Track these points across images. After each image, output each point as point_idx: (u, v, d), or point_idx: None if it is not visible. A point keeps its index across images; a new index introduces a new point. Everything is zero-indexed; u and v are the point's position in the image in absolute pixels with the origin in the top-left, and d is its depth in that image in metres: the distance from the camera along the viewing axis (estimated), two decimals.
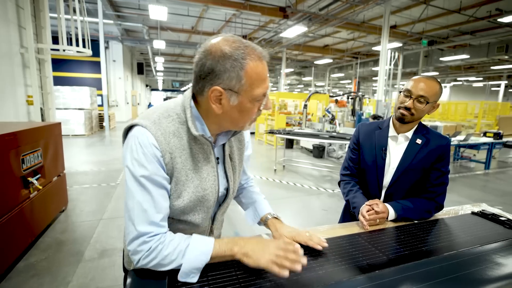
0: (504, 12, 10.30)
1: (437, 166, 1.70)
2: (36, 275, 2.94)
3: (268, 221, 1.35)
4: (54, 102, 5.97)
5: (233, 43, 0.92)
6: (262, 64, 0.96)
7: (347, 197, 1.83)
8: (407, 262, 1.14)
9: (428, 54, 17.61)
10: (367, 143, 1.84)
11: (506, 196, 6.23)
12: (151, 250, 0.93)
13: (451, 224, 1.56)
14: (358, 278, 1.02)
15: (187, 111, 1.01)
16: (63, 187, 4.42)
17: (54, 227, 3.98)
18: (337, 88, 38.50)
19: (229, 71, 0.90)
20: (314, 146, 9.87)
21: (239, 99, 0.95)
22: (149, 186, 0.96)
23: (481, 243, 1.32)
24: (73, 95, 12.39)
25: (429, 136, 1.71)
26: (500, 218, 1.60)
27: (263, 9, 11.26)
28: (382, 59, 10.89)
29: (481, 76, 25.98)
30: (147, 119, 0.99)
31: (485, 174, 8.21)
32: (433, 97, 1.59)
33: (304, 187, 6.46)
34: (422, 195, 1.72)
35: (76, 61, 15.88)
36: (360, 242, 1.31)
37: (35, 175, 3.47)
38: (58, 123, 4.20)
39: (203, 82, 0.95)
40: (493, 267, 1.11)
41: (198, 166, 1.07)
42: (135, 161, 0.95)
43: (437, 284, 1.00)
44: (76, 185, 5.80)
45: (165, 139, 0.98)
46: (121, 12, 13.13)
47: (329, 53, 19.75)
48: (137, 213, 0.94)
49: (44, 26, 5.49)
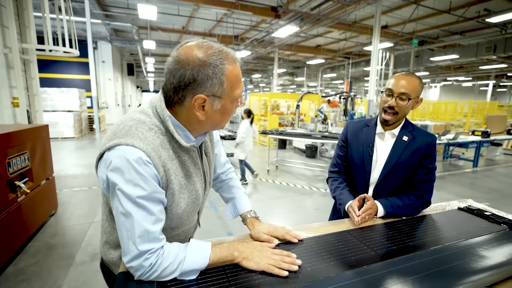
0: (493, 12, 10.45)
1: (424, 163, 1.72)
2: (26, 280, 2.89)
3: (247, 220, 1.38)
4: (41, 104, 5.86)
5: (208, 49, 0.93)
6: (237, 65, 0.99)
7: (334, 193, 1.85)
8: (394, 257, 1.17)
9: (419, 54, 17.80)
10: (355, 140, 1.86)
11: (493, 192, 6.38)
12: (152, 265, 0.93)
13: (438, 220, 1.60)
14: (346, 273, 1.04)
15: (168, 123, 0.99)
16: (52, 191, 4.34)
17: (44, 231, 3.91)
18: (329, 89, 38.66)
19: (211, 78, 0.92)
20: (306, 146, 9.91)
21: (222, 103, 0.98)
22: (148, 205, 0.93)
23: (466, 237, 1.36)
24: (62, 97, 12.23)
25: (415, 134, 1.74)
26: (485, 213, 1.64)
27: (254, 8, 11.25)
28: (374, 59, 10.95)
29: (470, 76, 26.39)
30: (128, 136, 0.94)
31: (473, 172, 8.37)
32: (414, 92, 1.61)
33: (297, 186, 6.48)
34: (410, 192, 1.74)
35: (64, 62, 15.70)
36: (349, 239, 1.33)
37: (22, 178, 3.40)
38: (45, 125, 4.13)
39: (183, 92, 0.94)
40: (477, 260, 1.15)
41: (189, 172, 1.09)
42: (129, 182, 0.90)
43: (423, 278, 1.02)
44: (66, 189, 5.72)
45: (156, 153, 0.95)
46: (109, 11, 12.99)
47: (321, 53, 19.84)
48: (138, 233, 0.91)
49: (28, 26, 5.37)
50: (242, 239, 1.32)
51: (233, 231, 4.09)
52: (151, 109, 1.02)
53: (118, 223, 0.94)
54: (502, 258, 1.17)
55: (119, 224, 0.94)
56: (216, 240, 1.27)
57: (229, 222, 4.34)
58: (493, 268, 1.09)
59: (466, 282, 1.01)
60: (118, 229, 0.95)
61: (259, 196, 5.87)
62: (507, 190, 6.61)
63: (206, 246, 1.02)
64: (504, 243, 1.30)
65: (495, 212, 1.69)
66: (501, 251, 1.22)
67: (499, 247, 1.26)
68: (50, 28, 5.58)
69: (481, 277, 1.04)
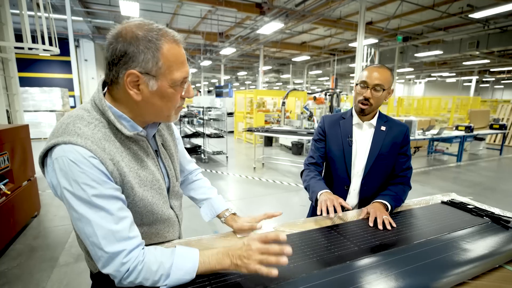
0: (475, 8, 10.54)
1: (403, 151, 1.81)
2: (7, 283, 2.84)
3: (227, 218, 1.37)
4: (21, 104, 5.71)
5: (146, 25, 0.89)
6: (179, 47, 0.93)
7: (309, 182, 1.82)
8: (378, 252, 1.17)
9: (403, 51, 17.99)
10: (333, 132, 1.88)
11: (475, 186, 6.49)
12: (130, 271, 0.86)
13: (421, 214, 1.62)
14: (329, 269, 1.04)
15: (108, 113, 0.93)
16: (34, 192, 4.26)
17: (26, 233, 3.83)
18: (315, 85, 38.87)
19: (144, 53, 0.86)
20: (293, 143, 9.94)
21: (158, 84, 0.91)
22: (103, 204, 0.85)
23: (450, 230, 1.38)
24: (43, 97, 11.96)
25: (390, 124, 1.82)
26: (468, 206, 1.67)
27: (239, 5, 11.18)
28: (359, 56, 11.01)
29: (454, 71, 26.88)
30: (65, 134, 0.87)
31: (457, 166, 8.50)
32: (387, 83, 1.67)
33: (283, 184, 6.49)
34: (395, 181, 1.82)
35: (46, 61, 15.35)
36: (333, 234, 1.33)
37: (2, 180, 3.33)
38: (25, 125, 4.04)
39: (116, 68, 0.89)
40: (461, 253, 1.16)
41: (144, 162, 1.03)
42: (74, 183, 0.83)
43: (407, 272, 1.03)
44: (49, 190, 5.58)
45: (98, 146, 0.88)
46: (90, 8, 12.71)
47: (306, 50, 19.87)
48: (101, 236, 0.84)
49: (5, 23, 5.19)
50: (226, 237, 1.31)
51: (218, 229, 4.06)
52: (90, 103, 0.97)
53: (78, 231, 0.87)
54: (484, 250, 1.18)
55: (79, 232, 0.87)
56: (198, 238, 1.26)
57: (214, 220, 4.26)
58: (476, 261, 1.10)
59: (450, 274, 1.02)
60: (81, 238, 0.88)
61: (245, 194, 5.87)
62: (490, 183, 6.74)
63: (193, 258, 0.94)
64: (487, 235, 1.32)
65: (478, 205, 1.71)
66: (484, 244, 1.23)
67: (482, 240, 1.27)
68: (28, 25, 5.42)
69: (464, 270, 1.05)
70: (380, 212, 1.49)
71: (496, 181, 7.00)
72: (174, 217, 1.20)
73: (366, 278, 0.99)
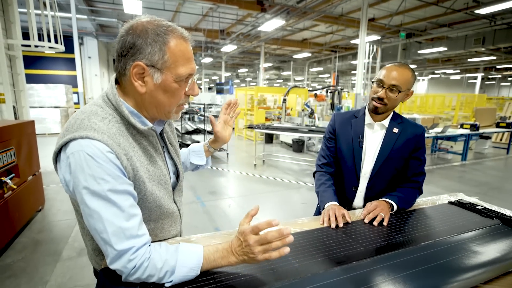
0: (481, 4, 10.22)
1: (416, 155, 1.72)
2: (13, 276, 2.90)
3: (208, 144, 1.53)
4: (27, 100, 5.81)
5: (156, 21, 0.92)
6: (186, 43, 0.96)
7: (318, 188, 1.79)
8: (385, 253, 1.14)
9: (406, 47, 17.78)
10: (344, 131, 1.82)
11: (482, 186, 6.36)
12: (137, 268, 0.88)
13: (429, 214, 1.57)
14: (335, 270, 1.02)
15: (122, 107, 0.95)
16: (39, 187, 4.33)
17: (31, 227, 3.91)
18: (316, 82, 38.67)
19: (151, 45, 0.89)
20: (293, 141, 9.92)
21: (163, 77, 0.93)
22: (116, 199, 0.86)
23: (459, 232, 1.33)
24: (48, 93, 12.09)
25: (405, 125, 1.72)
26: (477, 207, 1.61)
27: (240, 2, 11.19)
28: (361, 53, 10.91)
29: (458, 68, 26.29)
30: (81, 129, 0.87)
31: (462, 165, 8.35)
32: (405, 85, 1.58)
33: (284, 181, 6.50)
34: (405, 185, 1.74)
35: (50, 58, 15.43)
36: (338, 234, 1.30)
37: (8, 174, 3.41)
38: (31, 121, 4.12)
39: (124, 59, 0.92)
40: (471, 256, 1.11)
41: (153, 157, 1.05)
42: (90, 177, 0.83)
43: (415, 274, 1.00)
44: (53, 184, 5.70)
45: (114, 141, 0.89)
46: (94, 6, 12.79)
47: (307, 47, 19.78)
48: (112, 233, 0.85)
49: (13, 21, 5.29)
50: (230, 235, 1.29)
51: (220, 226, 4.09)
52: (102, 99, 0.98)
53: (89, 227, 0.88)
54: (496, 254, 1.14)
55: (90, 227, 0.88)
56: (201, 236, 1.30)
57: (215, 217, 4.36)
58: (488, 265, 1.06)
59: (460, 279, 0.98)
60: (92, 234, 0.89)
61: (246, 191, 5.90)
62: (496, 183, 6.62)
63: (198, 255, 0.96)
64: (498, 238, 1.27)
65: (487, 206, 1.66)
66: (495, 247, 1.19)
67: (492, 242, 1.23)
68: (35, 23, 5.52)
69: (475, 274, 1.01)
70: (380, 209, 1.48)
71: (503, 180, 6.88)
72: (177, 211, 1.22)
73: (373, 280, 0.97)
